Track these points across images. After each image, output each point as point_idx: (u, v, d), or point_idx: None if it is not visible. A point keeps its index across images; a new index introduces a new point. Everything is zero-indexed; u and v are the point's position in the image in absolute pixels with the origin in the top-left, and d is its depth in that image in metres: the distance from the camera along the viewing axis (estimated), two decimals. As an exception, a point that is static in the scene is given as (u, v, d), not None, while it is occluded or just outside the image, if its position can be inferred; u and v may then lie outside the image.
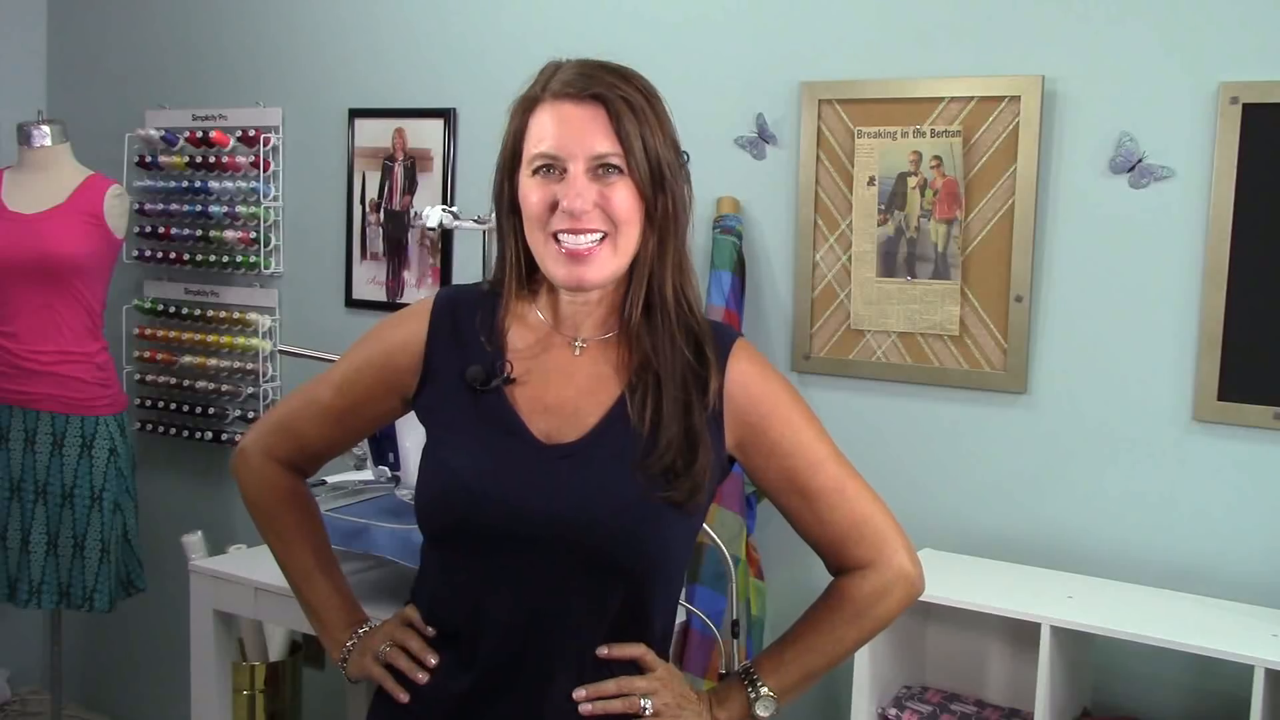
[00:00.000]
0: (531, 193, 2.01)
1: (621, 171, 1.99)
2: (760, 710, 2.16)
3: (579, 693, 2.05)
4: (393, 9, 4.54)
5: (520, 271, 2.12)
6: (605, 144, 1.98)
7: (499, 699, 2.06)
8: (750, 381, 2.11)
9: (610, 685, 2.07)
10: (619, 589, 2.03)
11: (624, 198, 1.99)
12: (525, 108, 2.06)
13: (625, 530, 1.99)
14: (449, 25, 4.41)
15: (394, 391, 2.21)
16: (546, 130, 2.01)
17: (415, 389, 2.18)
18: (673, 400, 2.03)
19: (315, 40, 4.74)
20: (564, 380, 2.10)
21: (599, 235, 1.99)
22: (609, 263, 2.01)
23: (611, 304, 2.11)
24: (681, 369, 2.05)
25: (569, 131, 1.99)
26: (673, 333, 2.06)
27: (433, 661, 2.12)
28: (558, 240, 1.99)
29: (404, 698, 2.14)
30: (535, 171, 2.01)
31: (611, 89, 2.00)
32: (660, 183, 2.02)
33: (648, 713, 2.08)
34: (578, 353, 2.11)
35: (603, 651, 2.06)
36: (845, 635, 2.16)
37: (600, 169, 1.99)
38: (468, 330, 2.14)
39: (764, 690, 2.16)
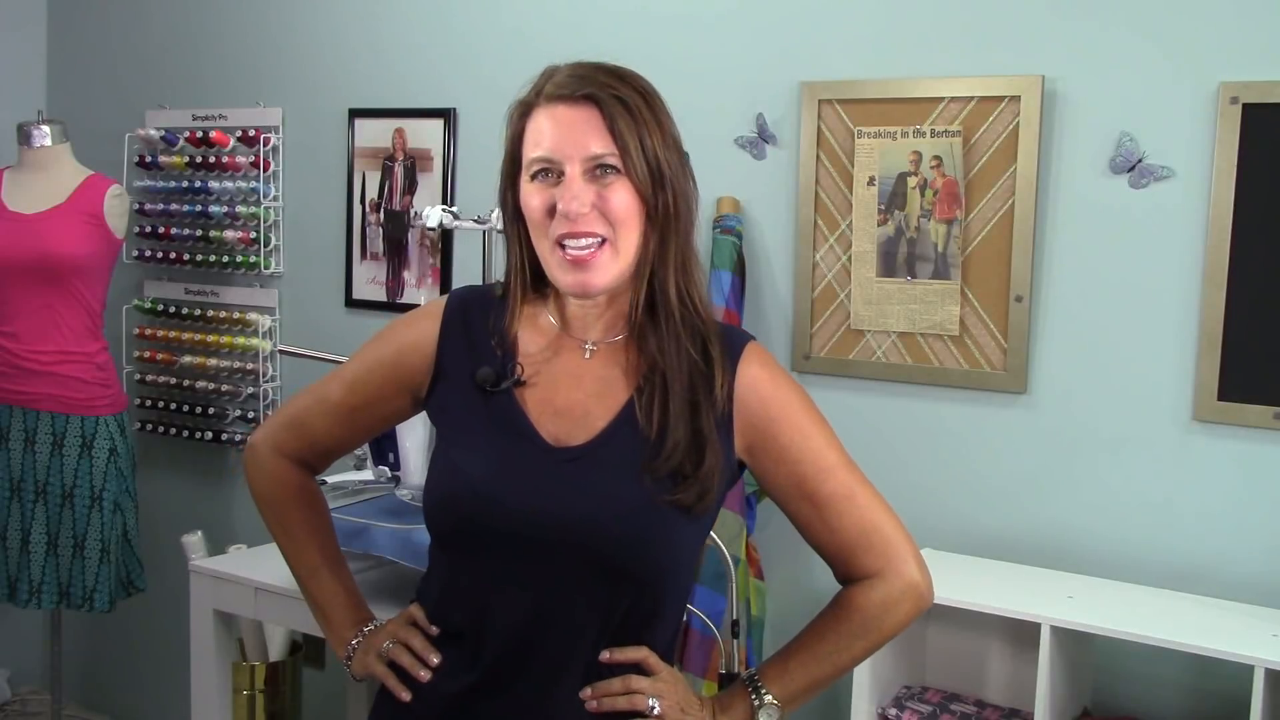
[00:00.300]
0: (531, 198, 2.01)
1: (619, 171, 1.98)
2: (763, 718, 2.15)
3: (585, 691, 2.05)
4: (393, 9, 4.54)
5: (526, 277, 2.12)
6: (600, 144, 1.97)
7: (502, 700, 2.06)
8: (761, 386, 2.10)
9: (616, 683, 2.06)
10: (625, 593, 2.02)
11: (622, 198, 1.98)
12: (521, 113, 2.06)
13: (632, 535, 1.98)
14: (449, 25, 4.41)
15: (405, 390, 2.21)
16: (542, 134, 2.00)
17: (427, 388, 2.18)
18: (680, 401, 2.02)
19: (315, 40, 4.74)
20: (573, 383, 2.09)
21: (598, 240, 1.98)
22: (611, 266, 2.00)
23: (620, 307, 2.10)
24: (688, 369, 2.04)
25: (563, 133, 1.98)
26: (678, 333, 2.04)
27: (435, 660, 2.11)
28: (562, 246, 1.99)
29: (406, 696, 2.13)
30: (534, 176, 2.01)
31: (605, 89, 1.99)
32: (660, 182, 2.00)
33: (654, 711, 2.08)
34: (587, 356, 2.11)
35: (605, 656, 2.05)
36: (852, 646, 2.15)
37: (597, 170, 1.98)
38: (479, 331, 2.14)
39: (768, 698, 2.14)
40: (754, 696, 2.15)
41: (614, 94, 1.99)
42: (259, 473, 2.37)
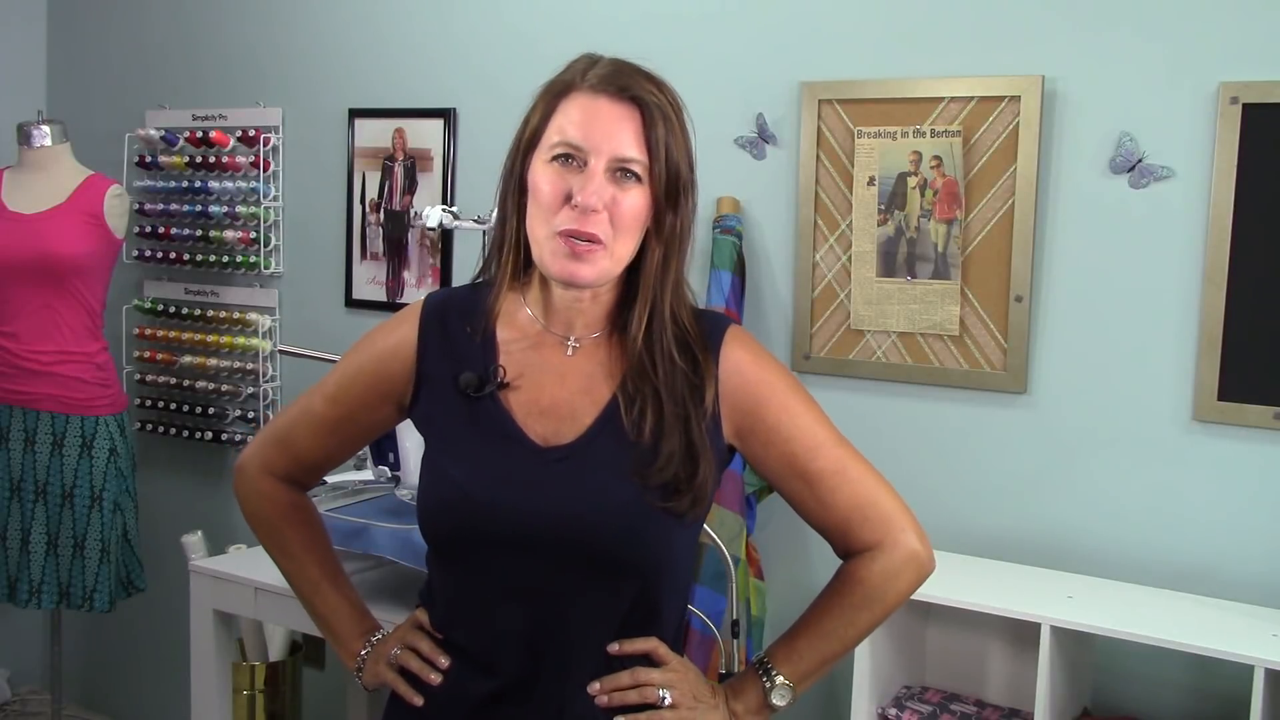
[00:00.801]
0: (546, 180, 1.98)
1: (639, 180, 1.97)
2: (776, 699, 2.14)
3: (593, 686, 2.05)
4: (393, 9, 4.54)
5: (518, 255, 2.09)
6: (633, 148, 1.96)
7: (517, 704, 2.05)
8: (745, 368, 2.09)
9: (624, 677, 2.06)
10: (627, 587, 2.02)
11: (633, 204, 1.96)
12: (557, 92, 2.02)
13: (627, 529, 1.98)
14: (449, 25, 4.41)
15: (388, 399, 2.20)
16: (576, 119, 1.97)
17: (410, 396, 2.17)
18: (673, 415, 2.02)
19: (315, 40, 4.74)
20: (557, 381, 2.08)
21: (597, 242, 1.97)
22: (601, 263, 1.98)
23: (603, 303, 2.09)
24: (680, 384, 2.04)
25: (600, 126, 1.96)
26: (671, 351, 2.04)
27: (444, 663, 2.11)
28: (560, 236, 1.97)
29: (418, 701, 2.13)
30: (554, 159, 1.98)
31: (650, 94, 1.97)
32: (674, 199, 2.00)
33: (666, 702, 2.08)
34: (570, 353, 2.10)
35: (613, 648, 2.05)
36: (857, 619, 2.13)
37: (620, 172, 1.96)
38: (458, 333, 2.13)
39: (779, 679, 2.14)
40: (765, 679, 2.15)
41: (655, 101, 1.97)
42: (250, 494, 2.35)
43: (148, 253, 5.04)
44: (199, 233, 4.94)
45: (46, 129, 4.60)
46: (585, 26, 4.09)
